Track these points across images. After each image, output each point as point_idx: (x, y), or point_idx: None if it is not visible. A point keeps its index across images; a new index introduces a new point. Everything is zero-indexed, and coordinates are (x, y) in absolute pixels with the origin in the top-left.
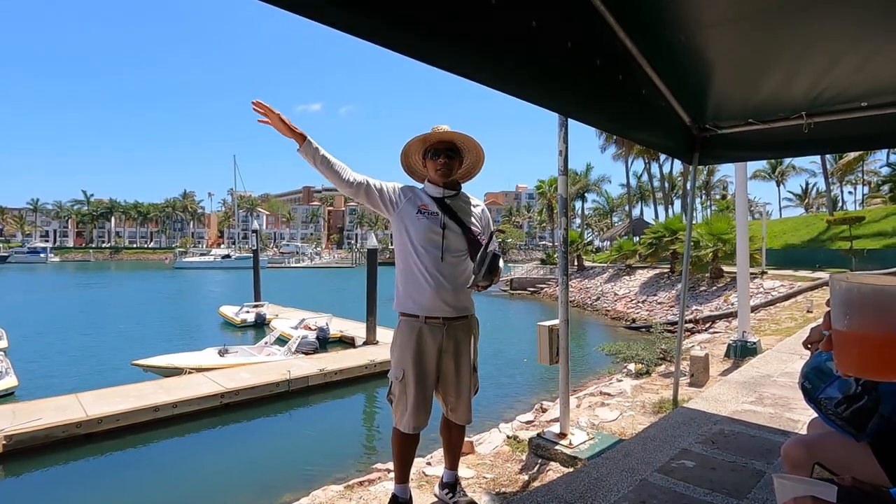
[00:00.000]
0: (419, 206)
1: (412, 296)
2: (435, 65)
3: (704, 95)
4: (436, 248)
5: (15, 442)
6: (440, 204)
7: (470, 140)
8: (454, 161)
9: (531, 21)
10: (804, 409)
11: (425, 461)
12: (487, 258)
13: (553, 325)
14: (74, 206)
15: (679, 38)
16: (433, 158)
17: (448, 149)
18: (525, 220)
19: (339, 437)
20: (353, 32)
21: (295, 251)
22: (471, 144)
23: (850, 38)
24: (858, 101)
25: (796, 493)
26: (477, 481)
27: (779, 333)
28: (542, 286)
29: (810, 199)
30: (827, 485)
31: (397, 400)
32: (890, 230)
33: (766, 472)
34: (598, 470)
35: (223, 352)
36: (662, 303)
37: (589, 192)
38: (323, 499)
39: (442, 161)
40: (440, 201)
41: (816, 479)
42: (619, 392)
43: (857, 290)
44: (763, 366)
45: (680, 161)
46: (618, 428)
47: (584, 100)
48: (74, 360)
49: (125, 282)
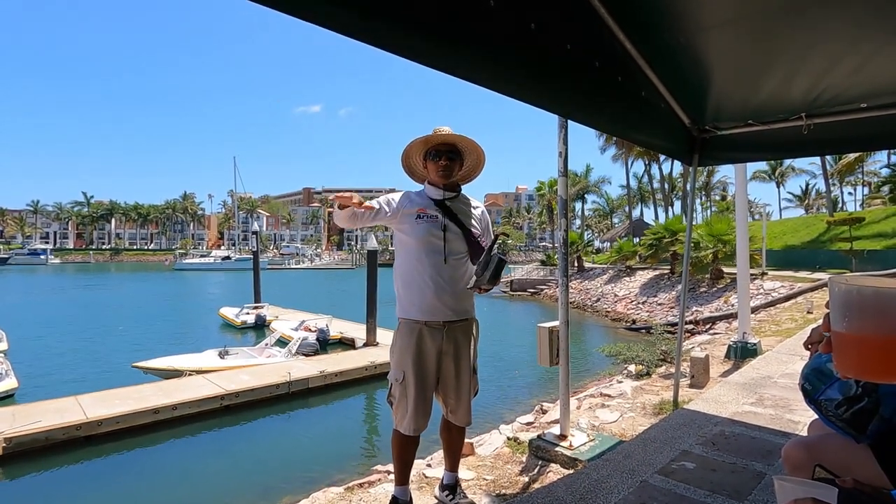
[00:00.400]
0: (418, 210)
1: (413, 300)
2: (434, 67)
3: (704, 97)
4: (437, 251)
5: (15, 444)
6: (440, 205)
7: (471, 142)
8: (455, 163)
9: (530, 23)
10: (805, 411)
11: (425, 463)
12: (493, 262)
13: (553, 326)
14: (74, 207)
15: (679, 40)
16: (434, 160)
17: (449, 151)
18: (525, 222)
19: (339, 438)
20: (351, 35)
21: (295, 252)
22: (472, 147)
23: (849, 39)
24: (858, 103)
25: (797, 495)
26: (477, 483)
27: (779, 334)
28: (543, 287)
29: (810, 200)
30: (828, 486)
31: (397, 402)
32: (890, 231)
33: (766, 473)
34: (599, 471)
35: (223, 354)
36: (662, 304)
37: (589, 194)
38: (323, 501)
39: (443, 163)
40: (440, 203)
41: (817, 481)
42: (619, 393)
43: (856, 292)
44: (763, 367)
45: (680, 162)
46: (618, 429)
47: (584, 101)
48: (74, 362)
49: (125, 283)
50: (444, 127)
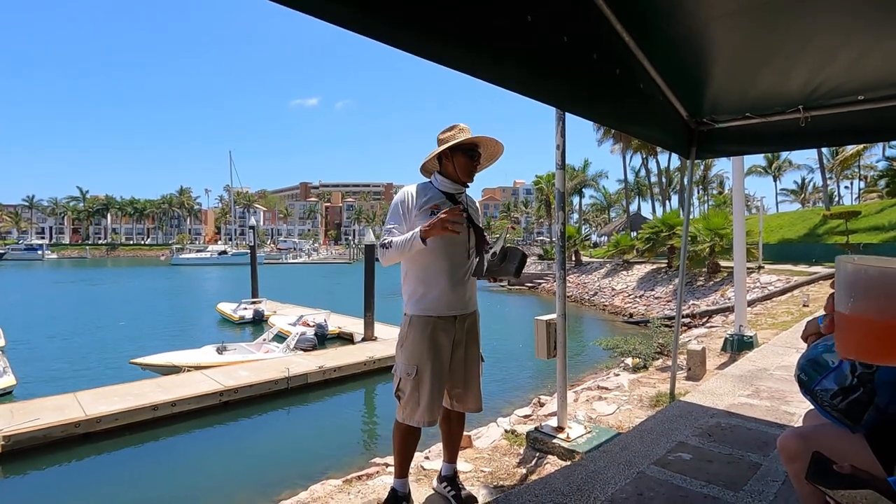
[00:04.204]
0: (432, 206)
1: (428, 295)
2: (430, 59)
3: (702, 89)
4: (458, 245)
5: (13, 442)
6: (451, 200)
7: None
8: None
9: (527, 15)
10: (800, 402)
11: (423, 455)
12: (516, 256)
13: (551, 319)
14: (70, 202)
15: (677, 32)
16: (469, 158)
17: (477, 150)
18: (523, 216)
19: (337, 433)
20: (348, 27)
21: (292, 247)
22: (493, 153)
23: (847, 32)
24: (855, 95)
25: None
26: (475, 475)
27: (775, 327)
28: (540, 281)
29: (806, 193)
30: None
31: (408, 396)
32: (886, 224)
33: (762, 464)
34: (596, 463)
35: (221, 349)
36: (660, 297)
37: (586, 188)
38: (321, 493)
39: (475, 163)
40: (451, 197)
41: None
42: (616, 386)
43: (863, 272)
44: (759, 359)
45: (677, 155)
46: (615, 421)
47: (582, 94)
48: (72, 358)
49: (122, 279)
50: (464, 124)
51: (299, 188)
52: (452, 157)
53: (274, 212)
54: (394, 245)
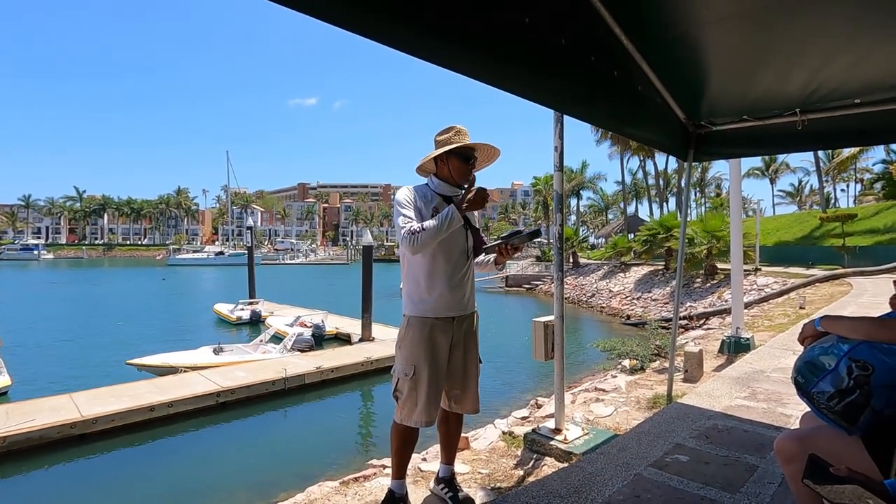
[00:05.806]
0: (433, 208)
1: (427, 296)
2: (429, 60)
3: (700, 92)
4: (459, 248)
5: (9, 443)
6: (449, 202)
7: (492, 152)
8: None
9: (524, 17)
10: (797, 405)
11: (421, 457)
12: (527, 230)
13: (548, 321)
14: (67, 202)
15: (675, 35)
16: (466, 161)
17: (473, 155)
18: (520, 218)
19: (334, 434)
20: (348, 28)
21: (290, 248)
22: (489, 155)
23: (844, 35)
24: (852, 98)
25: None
26: (472, 476)
27: (772, 329)
28: (538, 283)
29: (803, 196)
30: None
31: (405, 396)
32: (882, 227)
33: (758, 466)
34: (593, 465)
35: (218, 350)
36: (657, 299)
37: (584, 190)
38: (318, 495)
39: (471, 167)
40: (449, 200)
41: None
42: (613, 388)
43: None
44: (756, 362)
45: (675, 158)
46: (612, 423)
47: (580, 96)
48: (68, 359)
49: (118, 279)
50: (461, 126)
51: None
52: (448, 160)
53: (272, 212)
54: (429, 227)
